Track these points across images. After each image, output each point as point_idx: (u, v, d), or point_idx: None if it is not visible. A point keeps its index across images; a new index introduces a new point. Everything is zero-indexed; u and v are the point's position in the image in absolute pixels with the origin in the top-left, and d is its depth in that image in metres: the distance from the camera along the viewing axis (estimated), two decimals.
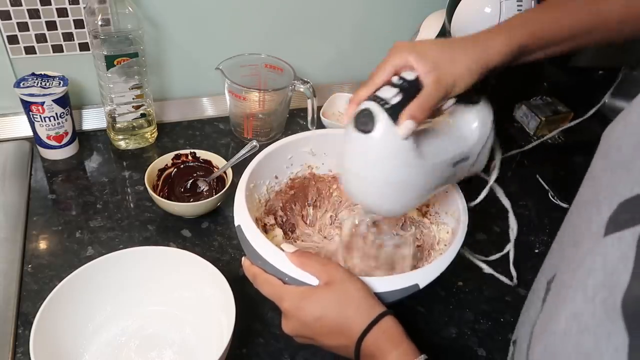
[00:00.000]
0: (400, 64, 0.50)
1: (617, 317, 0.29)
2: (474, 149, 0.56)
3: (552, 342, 0.35)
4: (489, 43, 0.51)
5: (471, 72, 0.50)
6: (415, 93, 0.48)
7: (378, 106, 0.47)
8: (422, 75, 0.49)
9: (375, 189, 0.51)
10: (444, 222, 0.66)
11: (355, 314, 0.49)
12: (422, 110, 0.47)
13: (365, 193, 0.53)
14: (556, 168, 0.93)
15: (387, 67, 0.50)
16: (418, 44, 0.51)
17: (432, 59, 0.49)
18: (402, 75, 0.49)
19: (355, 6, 1.00)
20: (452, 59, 0.50)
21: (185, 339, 0.58)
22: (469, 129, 0.56)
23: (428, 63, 0.49)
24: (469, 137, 0.56)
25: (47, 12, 0.81)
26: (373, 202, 0.53)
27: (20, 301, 0.62)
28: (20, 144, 0.85)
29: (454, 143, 0.55)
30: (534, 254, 0.77)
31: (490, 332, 0.65)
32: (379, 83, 0.50)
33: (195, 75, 0.98)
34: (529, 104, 0.97)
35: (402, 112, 0.47)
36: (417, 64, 0.49)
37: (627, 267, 0.30)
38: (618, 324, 0.29)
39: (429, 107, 0.48)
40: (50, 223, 0.72)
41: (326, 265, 0.51)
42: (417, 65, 0.49)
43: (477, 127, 0.56)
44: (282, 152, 0.68)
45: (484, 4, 0.76)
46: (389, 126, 0.47)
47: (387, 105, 0.47)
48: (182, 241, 0.72)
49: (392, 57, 0.50)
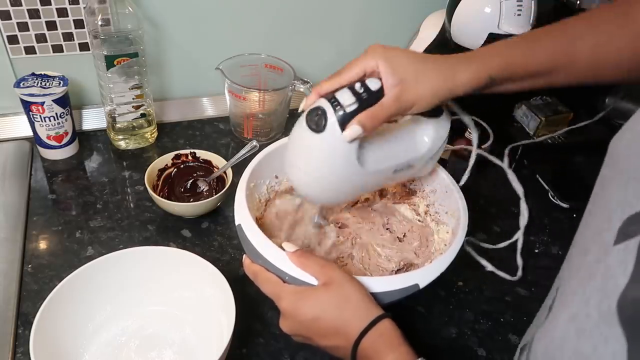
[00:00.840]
0: (370, 67, 0.50)
1: (613, 321, 0.29)
2: (421, 159, 0.57)
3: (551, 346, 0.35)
4: (459, 71, 0.51)
5: (434, 96, 0.50)
6: (373, 104, 0.49)
7: (332, 109, 0.48)
8: (386, 88, 0.49)
9: (313, 182, 0.53)
10: (444, 222, 0.66)
11: (352, 315, 0.49)
12: (372, 120, 0.48)
13: (302, 183, 0.54)
14: (556, 168, 0.93)
15: (357, 67, 0.50)
16: (393, 52, 0.51)
17: (400, 74, 0.49)
18: (367, 83, 0.49)
19: (355, 6, 1.01)
20: (419, 78, 0.50)
21: (185, 339, 0.58)
22: (421, 140, 0.57)
23: (395, 77, 0.49)
24: (419, 147, 0.57)
25: (47, 12, 0.81)
26: (309, 191, 0.55)
27: (20, 301, 0.62)
28: (20, 144, 0.85)
29: (401, 152, 0.56)
30: (534, 254, 0.77)
31: (490, 332, 0.65)
32: (345, 81, 0.50)
33: (195, 75, 0.99)
34: (529, 104, 0.97)
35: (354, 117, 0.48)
36: (385, 74, 0.49)
37: (625, 271, 0.30)
38: (615, 327, 0.29)
39: (382, 120, 0.49)
40: (50, 223, 0.72)
41: (325, 267, 0.51)
42: (384, 75, 0.49)
43: (431, 139, 0.57)
44: (282, 152, 0.68)
45: (484, 4, 0.76)
46: (336, 131, 0.48)
47: (341, 111, 0.48)
48: (182, 241, 0.72)
49: (365, 59, 0.50)
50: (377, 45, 0.51)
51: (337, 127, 0.48)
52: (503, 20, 0.75)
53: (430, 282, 0.54)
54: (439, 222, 0.67)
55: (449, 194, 0.65)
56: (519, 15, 0.76)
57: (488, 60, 0.52)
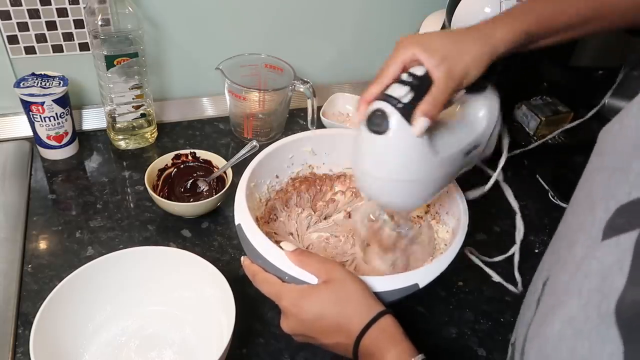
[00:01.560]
0: (407, 59, 0.49)
1: (610, 323, 0.29)
2: (483, 136, 0.56)
3: (546, 346, 0.35)
4: (494, 32, 0.50)
5: (480, 61, 0.49)
6: (426, 89, 0.47)
7: (390, 106, 0.46)
8: (432, 69, 0.48)
9: (391, 187, 0.51)
10: (444, 222, 0.66)
11: (354, 312, 0.49)
12: (435, 106, 0.47)
13: (380, 191, 0.52)
14: (556, 168, 0.93)
15: (395, 63, 0.49)
16: (423, 36, 0.50)
17: (440, 51, 0.48)
18: (411, 71, 0.48)
19: (356, 6, 1.00)
20: (459, 49, 0.49)
21: (185, 339, 0.58)
22: (477, 117, 0.56)
23: (436, 56, 0.48)
24: (478, 125, 0.55)
25: (47, 12, 0.81)
26: (389, 199, 0.53)
27: (20, 301, 0.62)
28: (20, 144, 0.85)
29: (464, 133, 0.54)
30: (534, 254, 0.77)
31: (490, 332, 0.65)
32: (388, 80, 0.49)
33: (195, 75, 0.98)
34: (529, 104, 0.97)
35: (416, 109, 0.46)
36: (425, 57, 0.48)
37: (622, 271, 0.30)
38: (612, 329, 0.29)
39: (442, 102, 0.47)
40: (50, 223, 0.72)
41: (325, 264, 0.51)
42: (425, 59, 0.48)
43: (485, 114, 0.55)
44: (282, 152, 0.68)
45: (484, 4, 0.76)
46: (402, 126, 0.46)
47: (399, 104, 0.46)
48: (182, 241, 0.72)
49: (399, 53, 0.49)
50: (406, 37, 0.50)
51: (402, 121, 0.46)
52: None
53: (430, 281, 0.54)
54: (439, 221, 0.67)
55: (449, 193, 0.65)
56: None
57: (520, 17, 0.52)
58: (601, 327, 0.30)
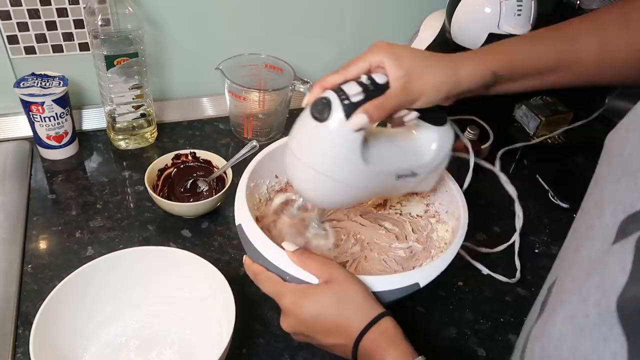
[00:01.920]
0: (375, 63, 0.50)
1: (612, 320, 0.29)
2: (423, 168, 0.57)
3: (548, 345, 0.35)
4: (462, 65, 0.51)
5: (438, 90, 0.50)
6: (379, 95, 0.48)
7: (338, 99, 0.47)
8: (392, 80, 0.49)
9: (310, 176, 0.51)
10: (444, 221, 0.66)
11: (354, 313, 0.49)
12: (379, 110, 0.47)
13: (300, 176, 0.52)
14: (556, 168, 0.93)
15: (363, 62, 0.50)
16: (397, 47, 0.51)
17: (406, 66, 0.49)
18: (373, 77, 0.49)
19: (356, 6, 1.00)
20: (424, 71, 0.50)
21: (185, 339, 0.58)
22: (425, 147, 0.57)
23: (401, 69, 0.49)
24: (423, 155, 0.56)
25: (47, 12, 0.81)
26: (305, 186, 0.53)
27: (20, 301, 0.62)
28: (20, 144, 0.85)
29: (404, 156, 0.56)
30: (534, 254, 0.77)
31: (490, 332, 0.65)
32: (350, 76, 0.50)
33: (195, 75, 0.98)
34: (529, 104, 0.97)
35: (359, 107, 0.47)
36: (391, 67, 0.49)
37: (624, 269, 0.30)
38: (614, 327, 0.29)
39: (388, 109, 0.48)
40: (50, 223, 0.72)
41: (326, 265, 0.52)
42: (390, 68, 0.49)
43: (434, 148, 0.56)
44: (282, 152, 0.68)
45: (484, 4, 0.76)
46: (341, 122, 0.47)
47: (346, 100, 0.47)
48: (182, 241, 0.72)
49: (370, 54, 0.50)
50: (381, 42, 0.51)
51: (342, 116, 0.47)
52: (503, 20, 0.75)
53: (430, 280, 0.54)
54: (439, 221, 0.67)
55: (449, 193, 0.65)
56: (519, 15, 0.76)
57: (491, 56, 0.52)
58: (602, 325, 0.30)
